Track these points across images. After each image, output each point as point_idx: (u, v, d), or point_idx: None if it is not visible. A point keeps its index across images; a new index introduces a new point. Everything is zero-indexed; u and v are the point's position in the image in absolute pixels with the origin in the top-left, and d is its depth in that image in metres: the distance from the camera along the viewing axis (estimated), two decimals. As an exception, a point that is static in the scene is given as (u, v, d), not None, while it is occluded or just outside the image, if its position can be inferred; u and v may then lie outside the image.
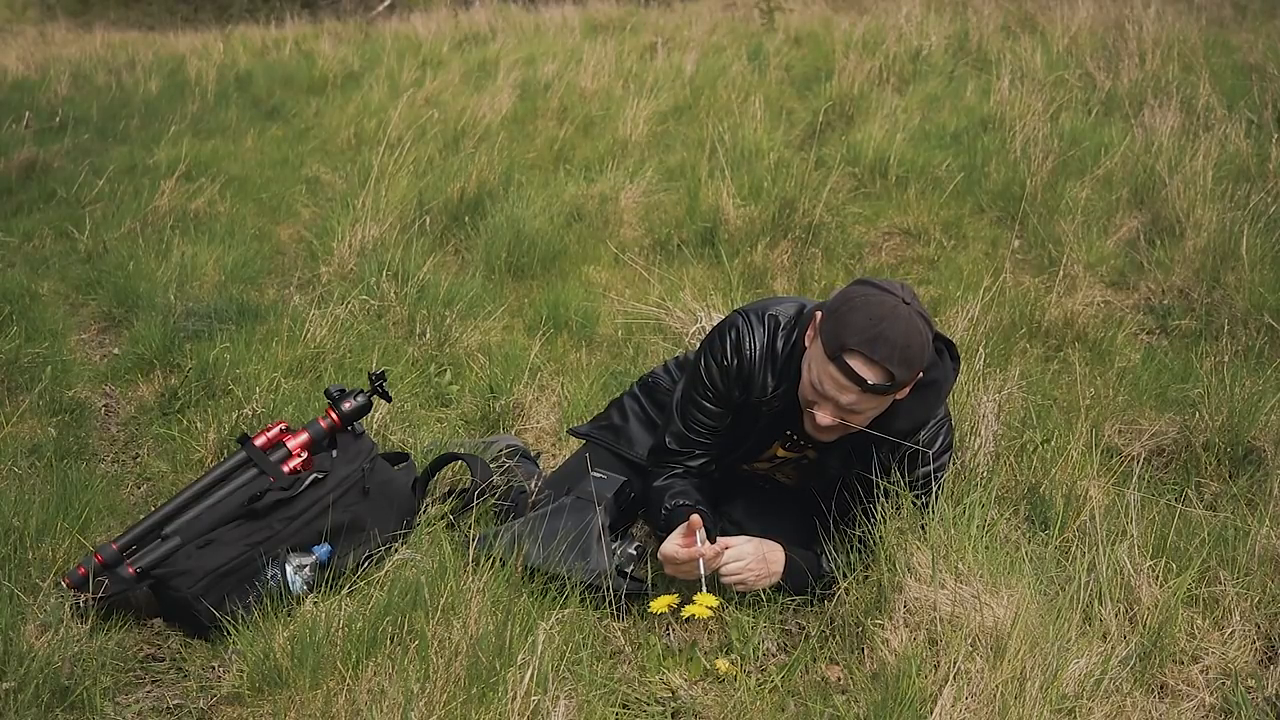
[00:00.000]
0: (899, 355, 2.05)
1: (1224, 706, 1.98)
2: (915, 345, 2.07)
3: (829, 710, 1.93)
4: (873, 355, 2.05)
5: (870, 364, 2.06)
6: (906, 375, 2.08)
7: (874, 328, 2.06)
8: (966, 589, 2.00)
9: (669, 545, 2.23)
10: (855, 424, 2.15)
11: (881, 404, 2.15)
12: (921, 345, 2.09)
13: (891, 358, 2.05)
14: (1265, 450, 2.69)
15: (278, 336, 3.40)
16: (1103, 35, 6.99)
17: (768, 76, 6.93)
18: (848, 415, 2.13)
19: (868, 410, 2.14)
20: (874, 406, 2.14)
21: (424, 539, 2.49)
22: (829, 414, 2.14)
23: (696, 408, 2.38)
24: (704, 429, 2.39)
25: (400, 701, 1.82)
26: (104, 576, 2.23)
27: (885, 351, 2.05)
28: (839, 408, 2.13)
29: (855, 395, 2.09)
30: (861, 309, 2.09)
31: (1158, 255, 3.99)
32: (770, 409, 2.31)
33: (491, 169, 5.10)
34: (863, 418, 2.15)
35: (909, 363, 2.07)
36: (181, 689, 2.10)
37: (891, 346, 2.05)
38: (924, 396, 2.21)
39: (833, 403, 2.13)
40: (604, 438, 2.64)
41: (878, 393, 2.09)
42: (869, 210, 4.72)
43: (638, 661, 2.12)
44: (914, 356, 2.08)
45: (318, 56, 8.70)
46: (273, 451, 2.46)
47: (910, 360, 2.07)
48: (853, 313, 2.09)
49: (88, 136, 6.36)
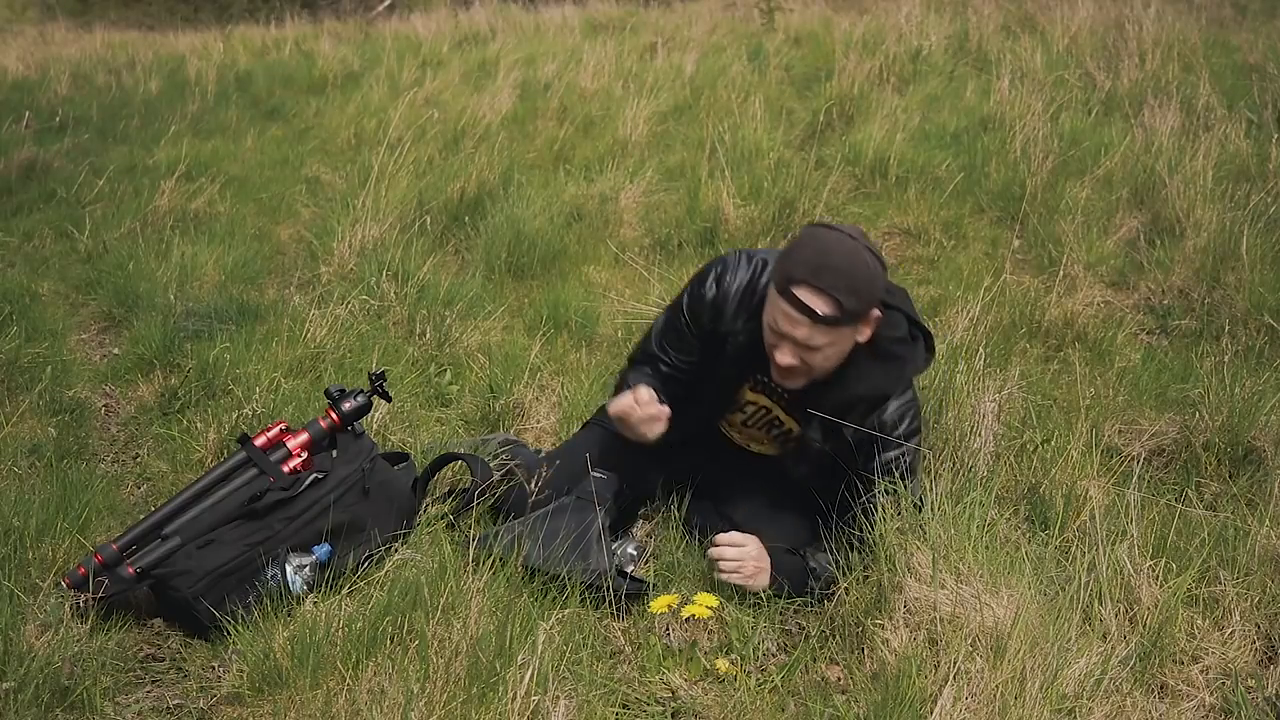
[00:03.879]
0: (845, 284, 2.10)
1: (1224, 706, 1.98)
2: (862, 275, 2.12)
3: (829, 710, 1.93)
4: (818, 284, 2.10)
5: (818, 293, 2.11)
6: (855, 304, 2.12)
7: (819, 259, 2.11)
8: (966, 589, 2.00)
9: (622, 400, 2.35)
10: (816, 364, 2.20)
11: (837, 340, 2.17)
12: (870, 277, 2.13)
13: (838, 286, 2.10)
14: (1265, 450, 2.69)
15: (278, 336, 3.40)
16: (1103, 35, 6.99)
17: (768, 76, 6.93)
18: (806, 353, 2.18)
19: (825, 347, 2.17)
20: (830, 342, 2.17)
21: (424, 539, 2.49)
22: (788, 353, 2.19)
23: (671, 329, 2.48)
24: (673, 350, 2.48)
25: (400, 701, 1.82)
26: (104, 576, 2.23)
27: (830, 279, 2.10)
28: (796, 345, 2.17)
29: (807, 328, 2.14)
30: (808, 244, 2.16)
31: (1158, 255, 3.99)
32: (736, 342, 2.36)
33: (491, 169, 5.09)
34: (821, 355, 2.19)
35: (856, 291, 2.11)
36: (181, 689, 2.10)
37: (837, 275, 2.10)
38: (886, 367, 2.26)
39: (789, 340, 2.18)
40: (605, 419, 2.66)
41: (829, 323, 2.13)
42: (869, 210, 4.72)
43: (638, 661, 2.12)
44: (861, 286, 2.12)
45: (318, 56, 8.70)
46: (273, 451, 2.46)
47: (857, 289, 2.11)
48: (800, 249, 2.16)
49: (88, 136, 6.36)
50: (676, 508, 2.57)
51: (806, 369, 2.22)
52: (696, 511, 2.54)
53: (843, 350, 2.22)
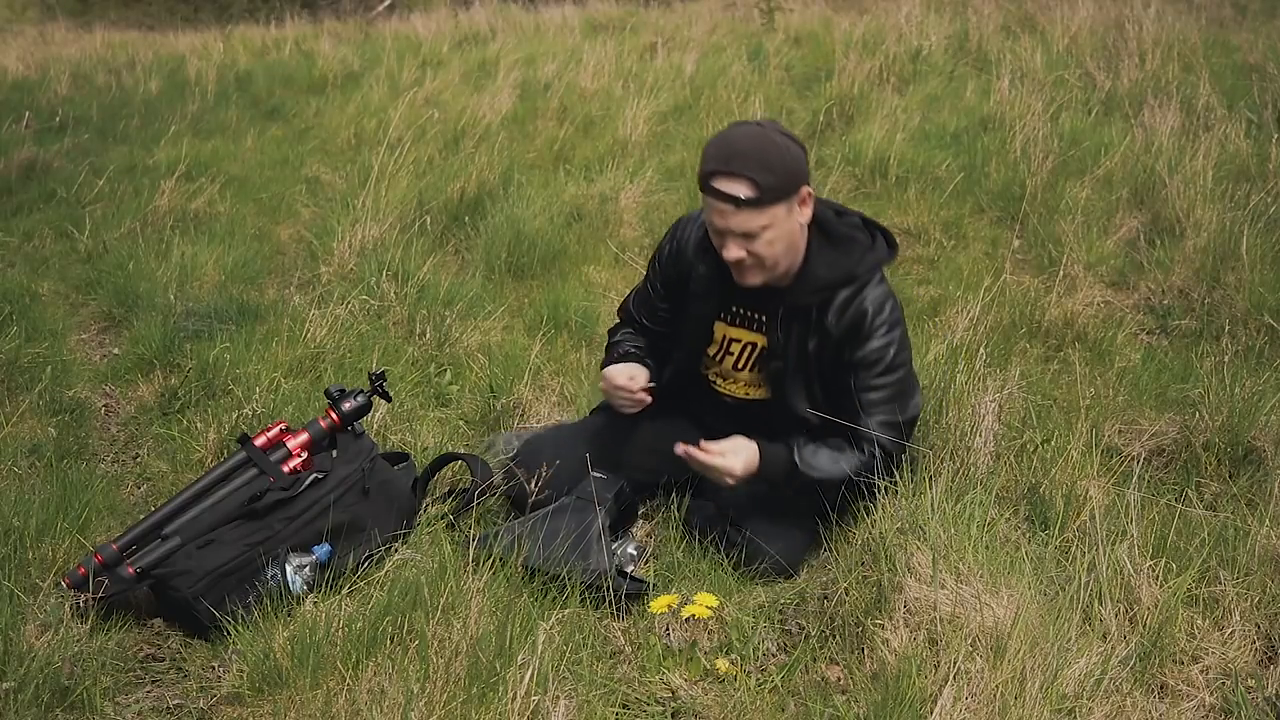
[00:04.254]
0: (756, 163, 2.17)
1: (1224, 706, 1.98)
2: (773, 154, 2.19)
3: (829, 710, 1.93)
4: (731, 170, 2.19)
5: (733, 179, 2.19)
6: (772, 181, 2.18)
7: (728, 149, 2.21)
8: (966, 589, 2.00)
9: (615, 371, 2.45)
10: (763, 252, 2.26)
11: (772, 220, 2.22)
12: (781, 154, 2.20)
13: (749, 167, 2.17)
14: (1265, 450, 2.68)
15: (278, 336, 3.40)
16: (1103, 35, 6.99)
17: (768, 76, 6.93)
18: (749, 242, 2.25)
19: (763, 231, 2.23)
20: (765, 224, 2.22)
21: (424, 539, 2.49)
22: (733, 247, 2.26)
23: (644, 289, 2.63)
24: (646, 310, 2.62)
25: (400, 701, 1.82)
26: (104, 576, 2.23)
27: (740, 164, 2.18)
28: (736, 236, 2.24)
29: (735, 214, 2.21)
30: (717, 140, 2.26)
31: (1158, 255, 3.99)
32: (698, 275, 2.46)
33: (491, 169, 5.09)
34: (764, 242, 2.25)
35: (769, 169, 2.18)
36: (181, 689, 2.10)
37: (746, 158, 2.18)
38: (844, 248, 2.34)
39: (728, 234, 2.25)
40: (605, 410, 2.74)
41: (753, 205, 2.19)
42: (869, 210, 4.67)
43: (638, 661, 2.12)
44: (773, 163, 2.19)
45: (318, 56, 8.70)
46: (273, 451, 2.46)
47: (770, 166, 2.18)
48: (710, 146, 2.25)
49: (88, 136, 6.36)
50: (676, 508, 2.57)
51: (757, 260, 2.29)
52: (696, 511, 2.54)
53: (787, 233, 2.27)
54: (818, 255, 2.34)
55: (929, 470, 2.44)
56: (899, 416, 2.36)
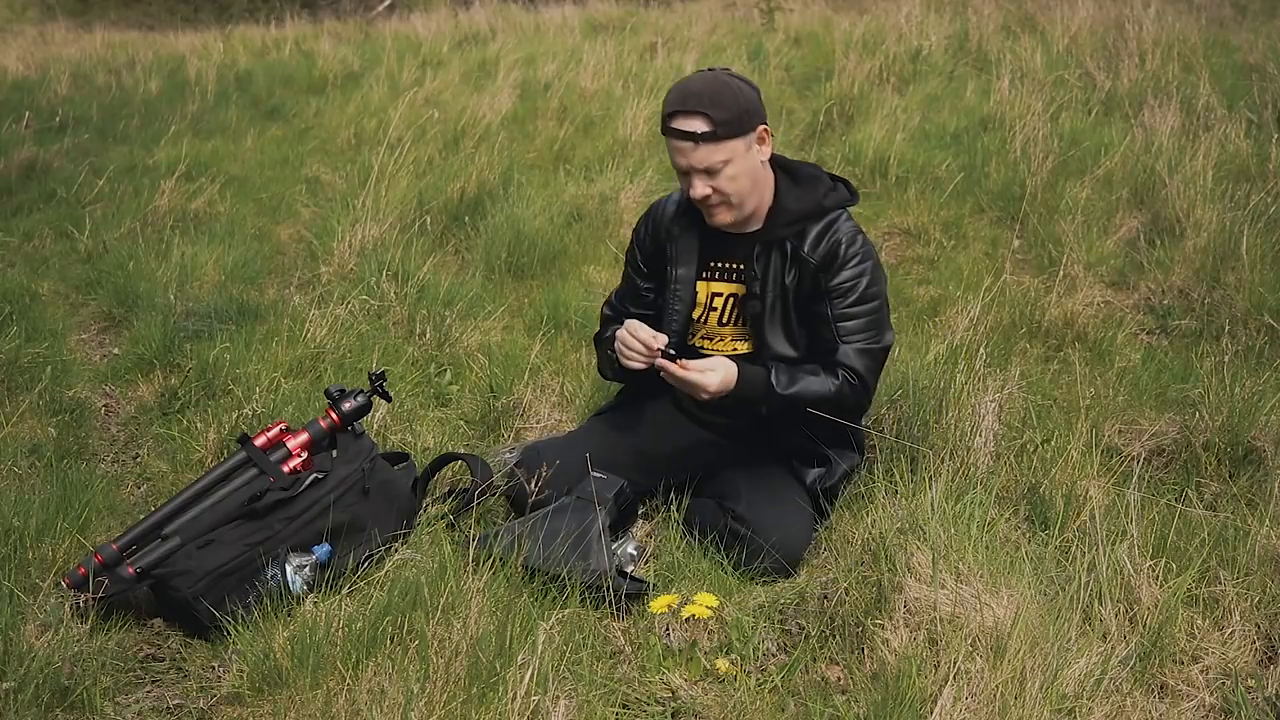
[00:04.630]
0: (708, 99, 2.31)
1: (1224, 706, 1.98)
2: (724, 92, 2.33)
3: (829, 710, 1.93)
4: (686, 108, 2.32)
5: (687, 116, 2.33)
6: (725, 115, 2.31)
7: (682, 92, 2.36)
8: (966, 589, 1.99)
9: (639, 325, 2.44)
10: (726, 187, 2.37)
11: (731, 155, 2.34)
12: (733, 92, 2.34)
13: (702, 103, 2.31)
14: (1265, 450, 2.68)
15: (278, 336, 3.40)
16: (1103, 35, 6.99)
17: (768, 76, 6.93)
18: (712, 179, 2.36)
19: (723, 167, 2.35)
20: (724, 159, 2.34)
21: (424, 539, 2.49)
22: (698, 184, 2.38)
23: (626, 278, 2.71)
24: (628, 291, 2.68)
25: (400, 701, 1.82)
26: (104, 576, 2.23)
27: (694, 102, 2.32)
28: (699, 173, 2.36)
29: (694, 150, 2.33)
30: (674, 88, 2.40)
31: (1158, 255, 3.99)
32: (674, 238, 2.56)
33: (491, 169, 5.10)
34: (726, 177, 2.36)
35: (721, 104, 2.31)
36: (181, 689, 2.10)
37: (699, 97, 2.32)
38: (809, 185, 2.48)
39: (692, 172, 2.37)
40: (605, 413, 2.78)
41: (709, 139, 2.32)
42: (869, 210, 4.72)
43: (638, 661, 2.12)
44: (725, 99, 2.32)
45: (318, 56, 8.70)
46: (273, 451, 2.46)
47: (721, 101, 2.32)
48: (669, 94, 2.39)
49: (88, 136, 6.37)
50: (676, 508, 2.57)
51: (724, 197, 2.40)
52: (696, 511, 2.54)
53: (748, 169, 2.39)
54: (786, 193, 2.48)
55: (929, 470, 2.44)
56: (873, 345, 2.44)
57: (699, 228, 2.53)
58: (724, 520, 2.44)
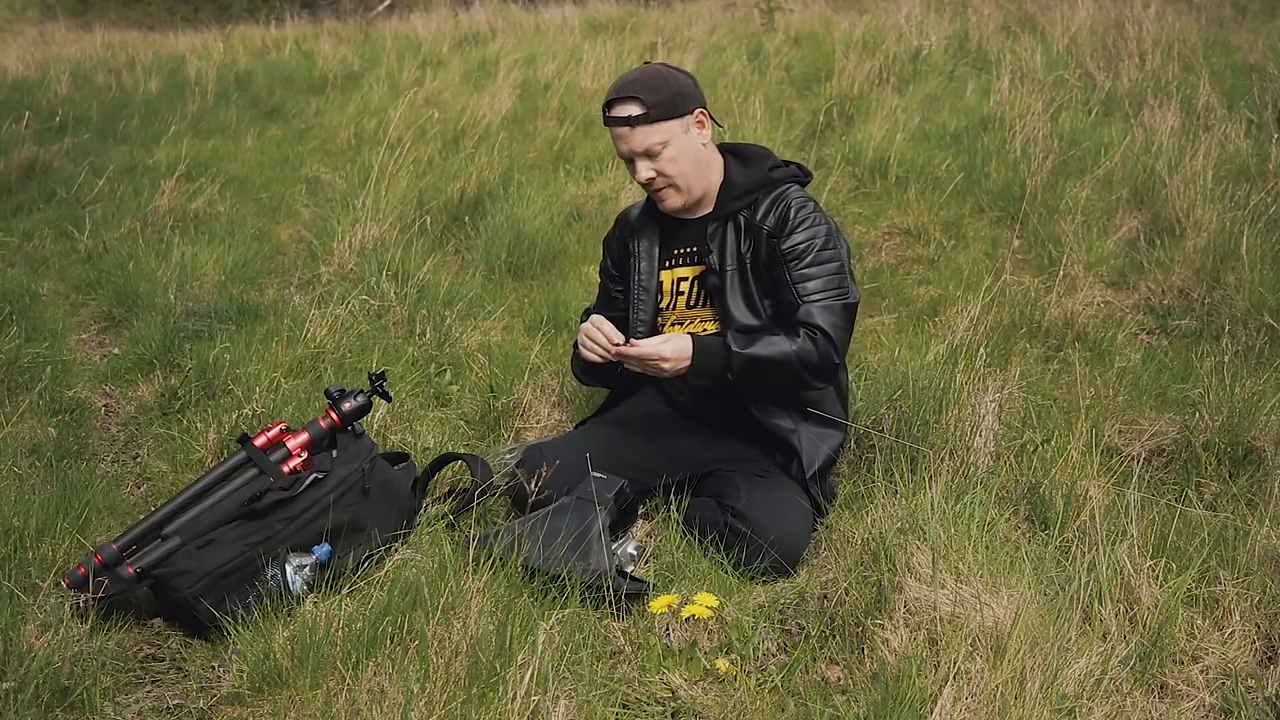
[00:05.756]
0: (639, 85, 2.46)
1: (1224, 706, 1.98)
2: (656, 78, 2.48)
3: (829, 710, 1.93)
4: (620, 95, 2.47)
5: (622, 102, 2.47)
6: (657, 98, 2.45)
7: (619, 82, 2.51)
8: (966, 589, 1.99)
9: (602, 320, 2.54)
10: (668, 169, 2.50)
11: (668, 137, 2.47)
12: (664, 78, 2.49)
13: (635, 89, 2.46)
14: (1265, 450, 2.68)
15: (278, 336, 3.40)
16: (1103, 35, 6.99)
17: (768, 76, 6.93)
18: (651, 161, 2.49)
19: (663, 149, 2.48)
20: (662, 141, 2.47)
21: (424, 539, 2.49)
22: (642, 168, 2.51)
23: (600, 284, 2.84)
24: (603, 297, 2.80)
25: (400, 701, 1.82)
26: (104, 576, 2.23)
27: (628, 89, 2.47)
28: (640, 156, 2.49)
29: (632, 134, 2.47)
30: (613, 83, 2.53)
31: (1158, 255, 3.99)
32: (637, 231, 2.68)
33: (491, 169, 5.10)
34: (667, 159, 2.49)
35: (652, 89, 2.46)
36: (181, 689, 2.10)
37: (633, 84, 2.47)
38: (755, 161, 2.60)
39: (634, 157, 2.50)
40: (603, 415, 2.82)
41: (644, 121, 2.45)
42: (869, 210, 4.72)
43: (638, 661, 2.12)
44: (656, 84, 2.47)
45: (318, 56, 8.70)
46: (273, 451, 2.46)
47: (653, 87, 2.46)
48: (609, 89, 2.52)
49: (88, 136, 6.37)
50: (676, 508, 2.57)
51: (668, 180, 2.52)
52: (696, 510, 2.54)
53: (688, 151, 2.51)
54: (734, 171, 2.59)
55: (929, 470, 2.44)
56: (836, 301, 2.48)
57: (658, 221, 2.66)
58: (723, 518, 2.44)
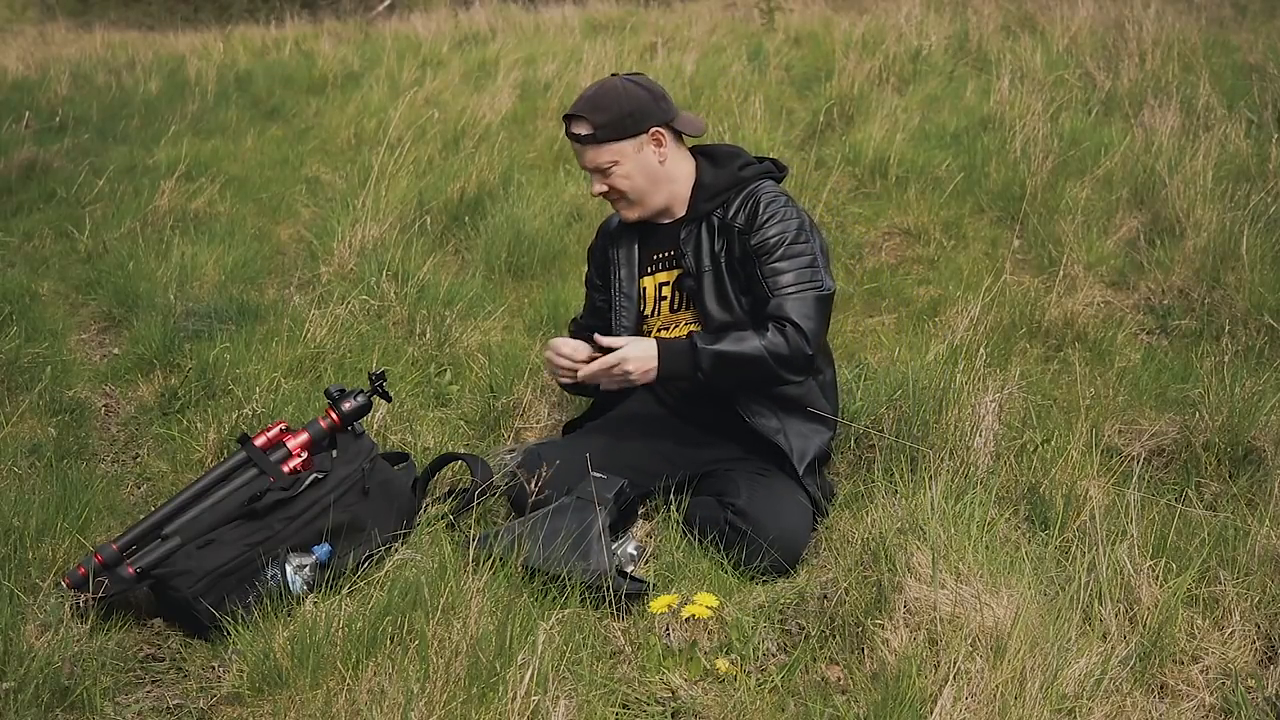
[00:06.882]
0: (591, 104, 2.49)
1: (1224, 706, 1.98)
2: (610, 96, 2.48)
3: (829, 710, 1.93)
4: (574, 112, 2.50)
5: (575, 120, 2.50)
6: (605, 119, 2.47)
7: (580, 97, 2.53)
8: (966, 589, 2.00)
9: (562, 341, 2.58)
10: (620, 185, 2.52)
11: (619, 157, 2.49)
12: (617, 96, 2.48)
13: (585, 107, 2.49)
14: (1265, 450, 2.68)
15: (278, 336, 3.40)
16: (1103, 35, 6.98)
17: (768, 76, 6.92)
18: (603, 177, 2.52)
19: (613, 167, 2.50)
20: (612, 160, 2.50)
21: (424, 539, 2.49)
22: (594, 183, 2.55)
23: (586, 285, 2.88)
24: (588, 306, 2.83)
25: (400, 701, 1.82)
26: (104, 576, 2.23)
27: (582, 106, 2.50)
28: (591, 171, 2.54)
29: (584, 151, 2.51)
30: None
31: (1158, 255, 3.99)
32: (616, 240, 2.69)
33: (491, 169, 5.10)
34: (619, 176, 2.51)
35: (602, 108, 2.47)
36: (181, 689, 2.10)
37: (586, 100, 2.50)
38: (725, 161, 2.58)
39: (588, 171, 2.54)
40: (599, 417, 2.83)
41: (593, 141, 2.48)
42: (869, 210, 4.72)
43: (638, 661, 2.12)
44: (609, 104, 2.48)
45: (318, 56, 8.70)
46: (273, 451, 2.46)
47: (601, 105, 2.48)
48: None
49: (88, 136, 6.36)
50: (676, 508, 2.57)
51: (620, 194, 2.55)
52: (697, 508, 2.54)
53: (641, 169, 2.52)
54: (705, 173, 2.59)
55: (929, 470, 2.44)
56: (807, 292, 2.46)
57: (636, 228, 2.66)
58: (723, 515, 2.44)
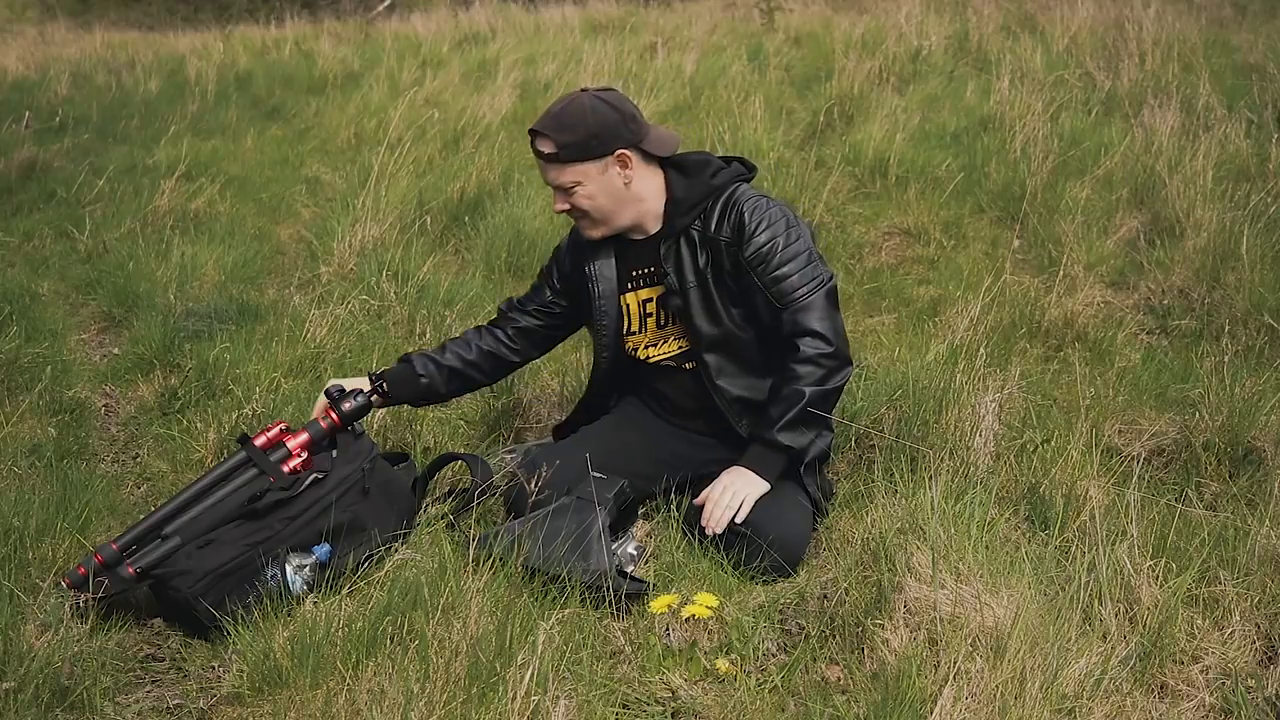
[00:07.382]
0: (554, 123, 2.41)
1: (1224, 706, 1.98)
2: (575, 116, 2.40)
3: (829, 710, 1.93)
4: (538, 129, 2.43)
5: (539, 137, 2.43)
6: (569, 139, 2.39)
7: (545, 112, 2.46)
8: (966, 589, 2.00)
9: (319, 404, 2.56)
10: (582, 205, 2.46)
11: (582, 177, 2.43)
12: (583, 117, 2.40)
13: (549, 126, 2.41)
14: (1265, 450, 2.68)
15: (278, 336, 3.40)
16: (1103, 35, 6.99)
17: (768, 76, 6.93)
18: (566, 196, 2.46)
19: (575, 187, 2.44)
20: (574, 180, 2.43)
21: (424, 539, 2.49)
22: (556, 200, 2.50)
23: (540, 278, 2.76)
24: (534, 296, 2.73)
25: (400, 701, 1.82)
26: (104, 576, 2.23)
27: (546, 124, 2.42)
28: (553, 189, 2.48)
29: (546, 169, 2.46)
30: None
31: (1158, 255, 3.99)
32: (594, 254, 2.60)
33: (491, 169, 5.10)
34: (582, 196, 2.45)
35: (567, 129, 2.40)
36: (181, 689, 2.10)
37: (551, 118, 2.42)
38: (697, 174, 2.50)
39: (551, 187, 2.48)
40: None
41: (555, 160, 2.42)
42: (869, 210, 4.72)
43: (638, 661, 2.12)
44: (574, 124, 2.40)
45: (318, 56, 8.71)
46: (273, 451, 2.46)
47: (568, 126, 2.40)
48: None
49: (88, 136, 6.37)
50: (676, 508, 2.57)
51: (583, 213, 2.49)
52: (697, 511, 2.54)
53: (605, 190, 2.45)
54: (677, 186, 2.51)
55: (929, 470, 2.44)
56: (815, 292, 2.41)
57: (614, 244, 2.59)
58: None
